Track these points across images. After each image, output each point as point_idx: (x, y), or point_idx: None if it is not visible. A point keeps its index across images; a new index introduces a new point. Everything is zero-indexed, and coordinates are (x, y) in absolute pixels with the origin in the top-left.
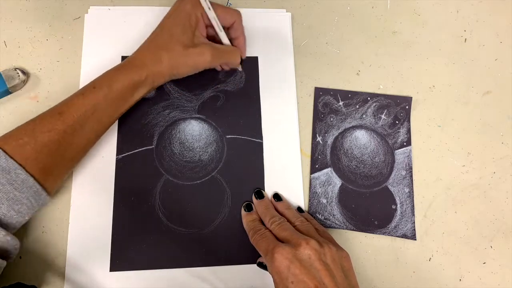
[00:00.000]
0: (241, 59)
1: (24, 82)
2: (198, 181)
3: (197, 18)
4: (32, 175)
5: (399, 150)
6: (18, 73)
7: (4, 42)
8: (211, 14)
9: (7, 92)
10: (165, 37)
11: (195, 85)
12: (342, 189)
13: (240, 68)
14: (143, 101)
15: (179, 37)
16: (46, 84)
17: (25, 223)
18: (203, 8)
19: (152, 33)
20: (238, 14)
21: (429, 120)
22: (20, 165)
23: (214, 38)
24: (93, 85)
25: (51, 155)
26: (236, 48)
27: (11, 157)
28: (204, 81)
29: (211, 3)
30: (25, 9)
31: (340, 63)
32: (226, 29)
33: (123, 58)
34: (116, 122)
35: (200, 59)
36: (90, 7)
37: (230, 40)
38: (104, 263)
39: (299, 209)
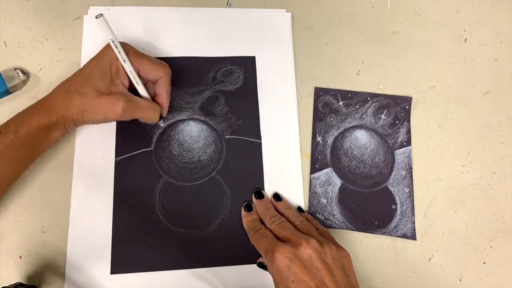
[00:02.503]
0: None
1: (24, 82)
2: (198, 182)
3: (117, 66)
4: None
5: (399, 150)
6: (18, 73)
7: (4, 42)
8: (127, 67)
9: (7, 92)
10: (81, 80)
11: (193, 86)
12: (342, 189)
13: (161, 124)
14: None
15: (95, 82)
16: (46, 84)
17: (24, 223)
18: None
19: (72, 74)
20: (165, 71)
21: (429, 120)
22: None
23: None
24: None
25: None
26: (156, 105)
27: None
28: (202, 82)
29: (137, 54)
30: (25, 9)
31: (340, 63)
32: (153, 83)
33: None
34: (114, 124)
35: (111, 109)
36: (90, 7)
37: (154, 94)
38: (104, 265)
39: (299, 209)
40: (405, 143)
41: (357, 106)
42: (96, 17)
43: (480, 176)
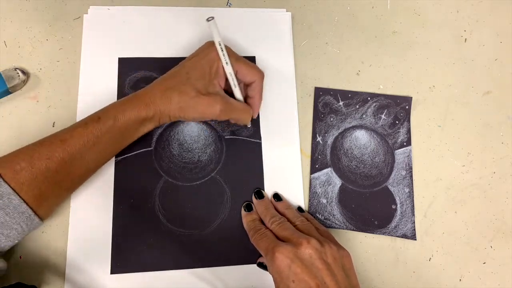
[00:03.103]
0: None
1: (24, 82)
2: (198, 182)
3: (218, 67)
4: (25, 201)
5: (399, 150)
6: (18, 73)
7: (4, 42)
8: (228, 70)
9: (7, 92)
10: (182, 78)
11: None
12: (342, 189)
13: (248, 125)
14: None
15: (195, 82)
16: (46, 84)
17: None
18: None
19: (170, 71)
20: (260, 75)
21: (429, 120)
22: (15, 190)
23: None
24: (99, 116)
25: (47, 182)
26: (249, 108)
27: (6, 182)
28: None
29: (236, 57)
30: (25, 9)
31: (340, 63)
32: (245, 86)
33: (120, 60)
34: None
35: (209, 109)
36: (90, 7)
37: (246, 96)
38: (104, 265)
39: (299, 209)
40: (405, 143)
41: (357, 106)
42: (208, 20)
43: (480, 176)
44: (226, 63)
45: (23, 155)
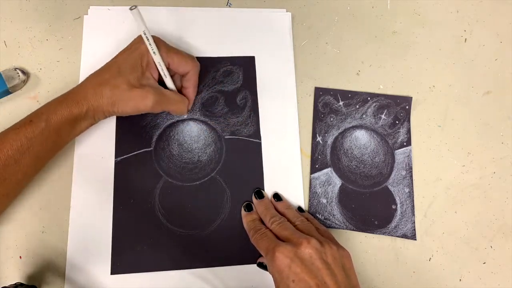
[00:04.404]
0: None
1: (24, 82)
2: (198, 182)
3: (149, 59)
4: None
5: (399, 150)
6: (18, 73)
7: (4, 42)
8: (156, 59)
9: (7, 92)
10: (113, 72)
11: None
12: (342, 189)
13: (185, 116)
14: None
15: (126, 75)
16: (46, 84)
17: (24, 223)
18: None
19: (103, 66)
20: (194, 65)
21: (429, 120)
22: None
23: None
24: (30, 119)
25: None
26: (184, 98)
27: None
28: (201, 82)
29: (168, 48)
30: (25, 9)
31: (340, 63)
32: (181, 76)
33: None
34: (114, 125)
35: (142, 102)
36: (90, 7)
37: (182, 87)
38: (104, 265)
39: (300, 209)
40: (405, 143)
41: (357, 106)
42: (131, 9)
43: (480, 176)
44: (154, 52)
45: None
